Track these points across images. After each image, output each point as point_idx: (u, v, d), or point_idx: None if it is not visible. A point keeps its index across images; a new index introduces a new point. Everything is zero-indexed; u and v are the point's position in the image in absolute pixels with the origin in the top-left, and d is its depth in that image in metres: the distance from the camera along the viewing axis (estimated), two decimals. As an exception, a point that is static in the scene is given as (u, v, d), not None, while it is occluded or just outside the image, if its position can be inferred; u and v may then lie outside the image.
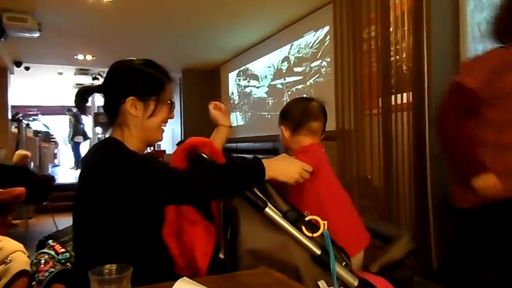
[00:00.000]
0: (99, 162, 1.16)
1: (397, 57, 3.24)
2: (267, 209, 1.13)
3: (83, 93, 1.30)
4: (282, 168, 1.18)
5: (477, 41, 2.94)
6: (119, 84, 1.25)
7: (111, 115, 1.27)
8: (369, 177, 3.46)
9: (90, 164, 1.19)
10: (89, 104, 1.35)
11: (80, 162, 1.28)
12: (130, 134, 1.24)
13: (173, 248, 1.22)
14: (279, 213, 1.14)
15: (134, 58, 1.29)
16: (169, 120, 1.33)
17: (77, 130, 10.77)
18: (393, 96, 3.23)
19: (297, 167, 1.19)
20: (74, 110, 10.80)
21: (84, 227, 1.20)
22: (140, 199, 1.13)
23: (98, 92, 1.30)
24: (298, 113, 1.53)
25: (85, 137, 10.90)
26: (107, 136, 1.28)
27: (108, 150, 1.19)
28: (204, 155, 1.24)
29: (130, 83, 1.23)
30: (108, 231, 1.16)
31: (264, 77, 6.41)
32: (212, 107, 1.65)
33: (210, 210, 1.28)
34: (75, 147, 10.79)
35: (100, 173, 1.13)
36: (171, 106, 1.29)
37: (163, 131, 1.30)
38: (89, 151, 1.28)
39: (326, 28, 4.75)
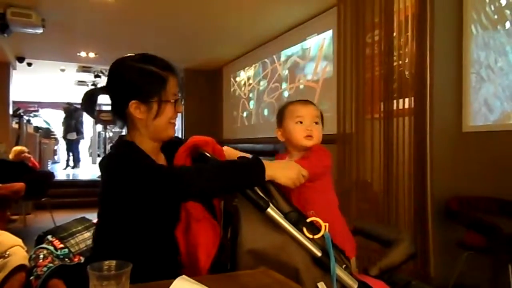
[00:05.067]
0: (111, 167, 1.21)
1: (400, 62, 3.24)
2: (269, 210, 1.12)
3: (90, 96, 1.29)
4: (281, 169, 1.18)
5: (480, 48, 2.94)
6: (120, 87, 1.24)
7: (119, 118, 1.28)
8: (369, 181, 3.46)
9: (105, 167, 1.23)
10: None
11: (98, 165, 1.30)
12: (141, 136, 1.25)
13: (181, 246, 1.24)
14: (280, 214, 1.14)
15: (133, 54, 1.26)
16: None
17: (69, 126, 10.22)
18: (395, 101, 3.23)
19: (295, 170, 1.19)
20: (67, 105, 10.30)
21: (104, 224, 1.26)
22: (144, 198, 1.14)
23: (103, 93, 1.29)
24: None
25: (78, 133, 10.30)
26: (111, 132, 1.30)
27: (118, 156, 1.24)
28: (207, 154, 1.24)
29: (130, 86, 1.22)
30: (124, 230, 1.20)
31: (265, 79, 6.41)
32: None
33: (215, 209, 1.28)
34: (76, 144, 10.56)
35: (112, 176, 1.18)
36: (176, 102, 1.26)
37: (174, 125, 1.29)
38: (106, 154, 1.32)
39: (330, 32, 4.75)
